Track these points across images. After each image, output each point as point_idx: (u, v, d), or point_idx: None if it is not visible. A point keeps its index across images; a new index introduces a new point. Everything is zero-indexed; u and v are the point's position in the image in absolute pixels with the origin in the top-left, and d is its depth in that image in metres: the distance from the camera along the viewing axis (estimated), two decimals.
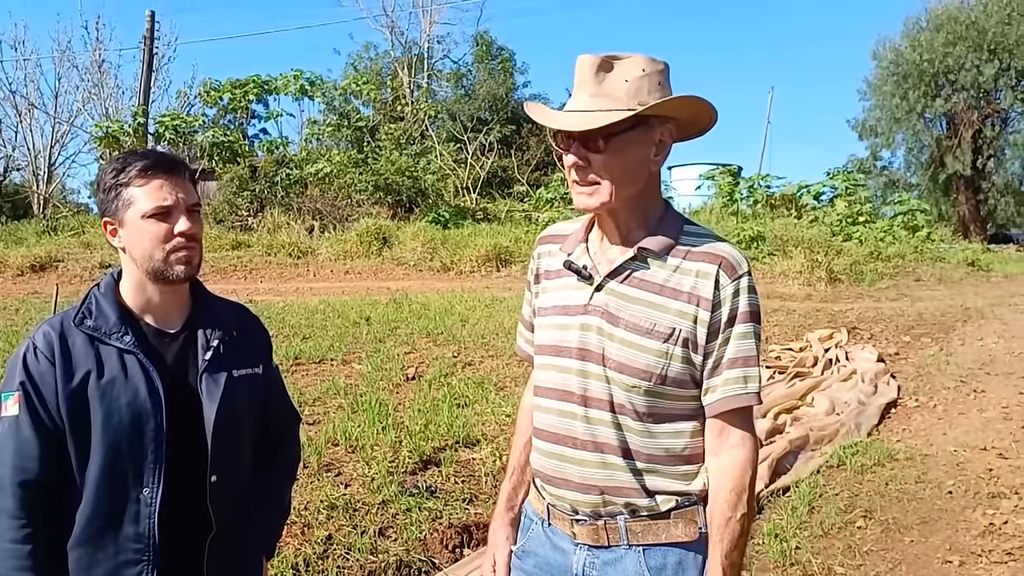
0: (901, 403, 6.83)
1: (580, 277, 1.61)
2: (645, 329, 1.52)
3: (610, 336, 1.54)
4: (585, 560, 1.61)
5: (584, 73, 1.53)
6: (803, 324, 10.09)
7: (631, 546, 1.57)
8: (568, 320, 1.60)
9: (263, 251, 17.65)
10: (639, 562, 1.57)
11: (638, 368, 1.52)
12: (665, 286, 1.54)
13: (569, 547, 1.63)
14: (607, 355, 1.54)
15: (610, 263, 1.59)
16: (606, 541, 1.59)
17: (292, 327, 9.69)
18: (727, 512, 1.50)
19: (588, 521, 1.60)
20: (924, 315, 10.79)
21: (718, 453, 1.55)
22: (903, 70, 28.34)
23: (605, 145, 1.51)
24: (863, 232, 17.46)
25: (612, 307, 1.55)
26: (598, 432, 1.56)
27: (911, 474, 5.12)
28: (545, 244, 1.75)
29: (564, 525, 1.63)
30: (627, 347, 1.53)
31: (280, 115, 25.76)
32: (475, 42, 34.43)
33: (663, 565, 1.57)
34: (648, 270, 1.56)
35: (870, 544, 4.19)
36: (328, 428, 5.45)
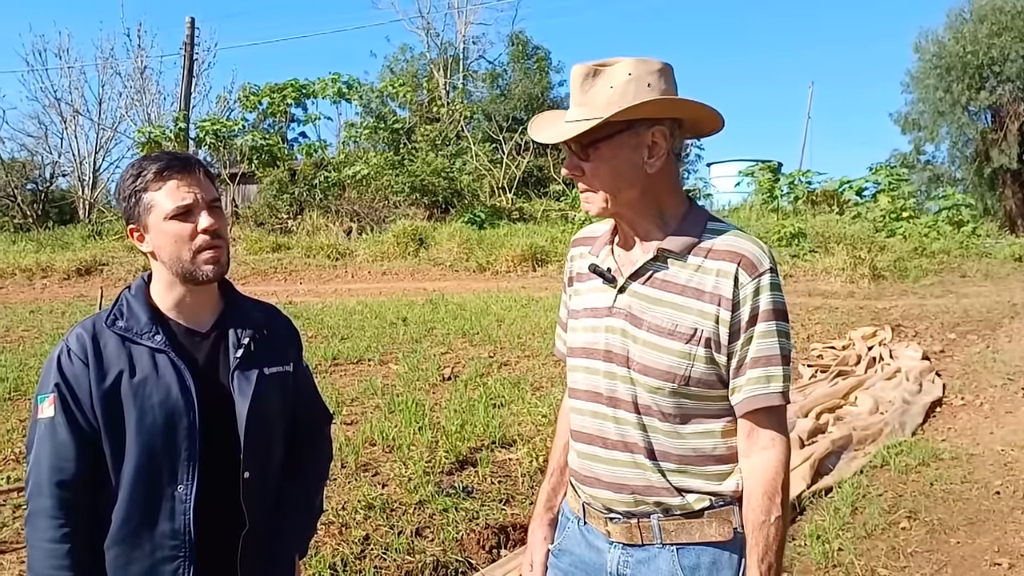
0: (946, 402, 6.69)
1: (604, 280, 1.61)
2: (667, 330, 1.51)
3: (634, 338, 1.54)
4: (619, 558, 1.61)
5: (574, 83, 1.53)
6: (846, 322, 9.94)
7: (664, 545, 1.57)
8: (596, 322, 1.61)
9: (302, 253, 17.86)
10: (673, 561, 1.56)
11: (661, 370, 1.50)
12: (687, 286, 1.52)
13: (604, 545, 1.64)
14: (631, 357, 1.54)
15: (632, 265, 1.58)
16: (640, 540, 1.59)
17: (330, 328, 9.78)
18: (760, 516, 1.49)
19: (622, 520, 1.60)
20: (970, 312, 10.56)
21: (749, 455, 1.53)
22: (946, 62, 27.69)
23: (592, 153, 1.53)
24: (907, 228, 17.12)
25: (635, 309, 1.55)
26: (626, 433, 1.56)
27: (957, 474, 5.01)
28: (577, 247, 1.77)
29: (599, 524, 1.64)
30: (650, 349, 1.52)
31: (318, 118, 26.08)
32: (510, 42, 34.47)
33: (697, 565, 1.55)
34: (669, 270, 1.54)
35: (915, 545, 4.10)
36: (365, 428, 5.49)
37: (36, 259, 16.97)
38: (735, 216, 19.93)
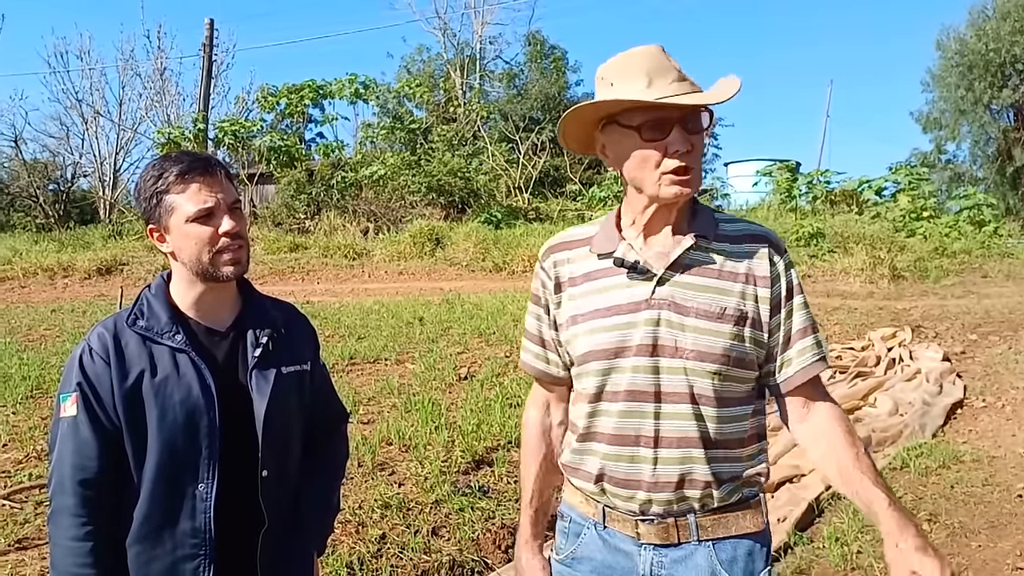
0: (967, 403, 6.62)
1: (635, 273, 1.56)
2: (716, 314, 1.52)
3: (681, 327, 1.52)
4: (652, 560, 1.58)
5: (662, 60, 1.51)
6: (865, 323, 9.86)
7: (701, 541, 1.56)
8: (628, 319, 1.54)
9: (319, 253, 17.95)
10: (710, 556, 1.56)
11: (717, 353, 1.51)
12: (723, 270, 1.55)
13: (632, 548, 1.60)
14: (681, 346, 1.51)
15: (665, 255, 1.56)
16: (676, 539, 1.57)
17: (347, 327, 9.82)
18: (851, 450, 1.51)
19: (656, 520, 1.57)
20: (992, 312, 10.45)
21: (806, 419, 1.57)
22: (968, 60, 27.44)
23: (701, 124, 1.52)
24: (927, 228, 16.96)
25: (679, 298, 1.53)
26: (675, 426, 1.53)
27: (978, 477, 4.95)
28: (559, 252, 1.69)
29: (625, 527, 1.60)
30: (702, 334, 1.51)
31: (335, 119, 26.19)
32: (527, 41, 34.49)
33: (734, 557, 1.57)
34: (704, 257, 1.56)
35: None
36: (382, 427, 5.51)
37: (58, 259, 17.16)
38: (753, 215, 19.81)
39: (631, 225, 1.62)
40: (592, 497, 1.65)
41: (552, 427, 1.79)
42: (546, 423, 1.79)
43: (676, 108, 1.47)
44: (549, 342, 1.71)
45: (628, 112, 1.51)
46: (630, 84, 1.48)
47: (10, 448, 5.29)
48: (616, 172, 1.62)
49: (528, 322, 1.77)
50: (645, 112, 1.48)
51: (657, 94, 1.46)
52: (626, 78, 1.50)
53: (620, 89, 1.49)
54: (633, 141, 1.51)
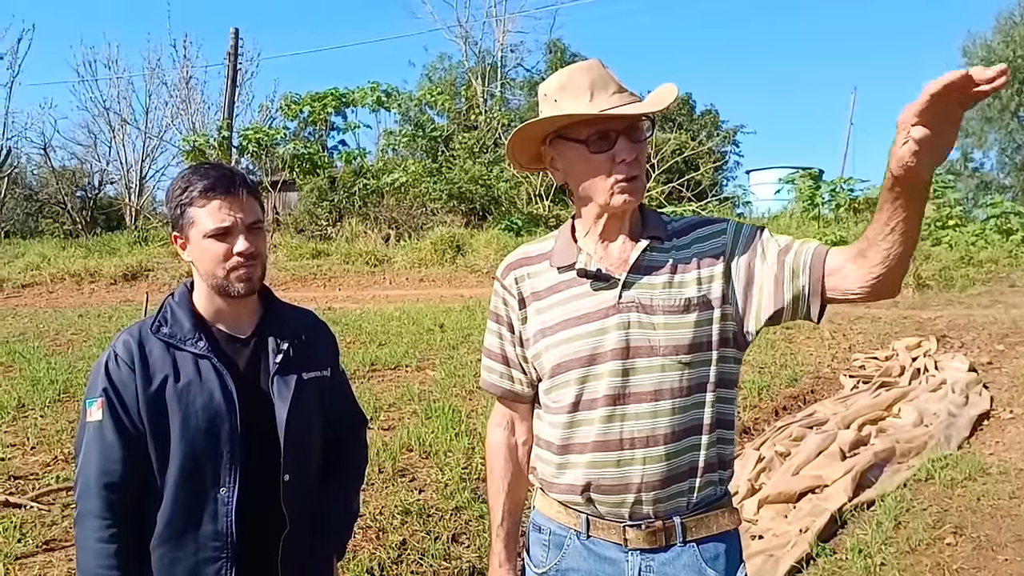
0: (994, 415, 6.51)
1: (598, 281, 1.61)
2: (682, 308, 1.57)
3: (652, 326, 1.57)
4: (640, 564, 1.61)
5: (602, 73, 1.58)
6: (889, 332, 9.75)
7: (687, 542, 1.61)
8: (598, 325, 1.58)
9: (341, 260, 18.06)
10: (696, 556, 1.61)
11: (689, 344, 1.56)
12: (679, 265, 1.61)
13: (618, 555, 1.62)
14: (655, 344, 1.56)
15: (624, 261, 1.62)
16: (663, 542, 1.60)
17: (368, 334, 9.87)
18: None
19: (643, 525, 1.60)
20: (1020, 322, 10.29)
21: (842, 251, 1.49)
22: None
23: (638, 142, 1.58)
24: (953, 236, 16.78)
25: (644, 299, 1.58)
26: (658, 423, 1.56)
27: (1005, 489, 4.87)
28: (519, 268, 1.73)
29: (611, 534, 1.62)
30: (673, 329, 1.56)
31: (357, 126, 26.33)
32: (548, 50, 34.54)
33: (717, 555, 1.63)
34: (660, 256, 1.62)
35: (960, 562, 3.99)
36: (402, 434, 5.53)
37: (84, 264, 17.40)
38: (774, 223, 19.70)
39: (586, 235, 1.68)
40: (574, 508, 1.65)
41: (518, 446, 1.80)
42: (512, 443, 1.80)
43: (620, 119, 1.54)
44: (513, 360, 1.73)
45: (574, 126, 1.57)
46: (574, 99, 1.56)
47: (38, 451, 5.37)
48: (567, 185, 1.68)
49: (488, 341, 1.78)
50: (590, 125, 1.55)
51: (600, 107, 1.53)
52: (569, 94, 1.57)
53: (565, 104, 1.56)
54: (581, 154, 1.58)
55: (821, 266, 1.49)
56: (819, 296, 1.51)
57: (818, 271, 1.49)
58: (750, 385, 7.02)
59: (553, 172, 1.68)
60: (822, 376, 7.79)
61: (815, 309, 1.52)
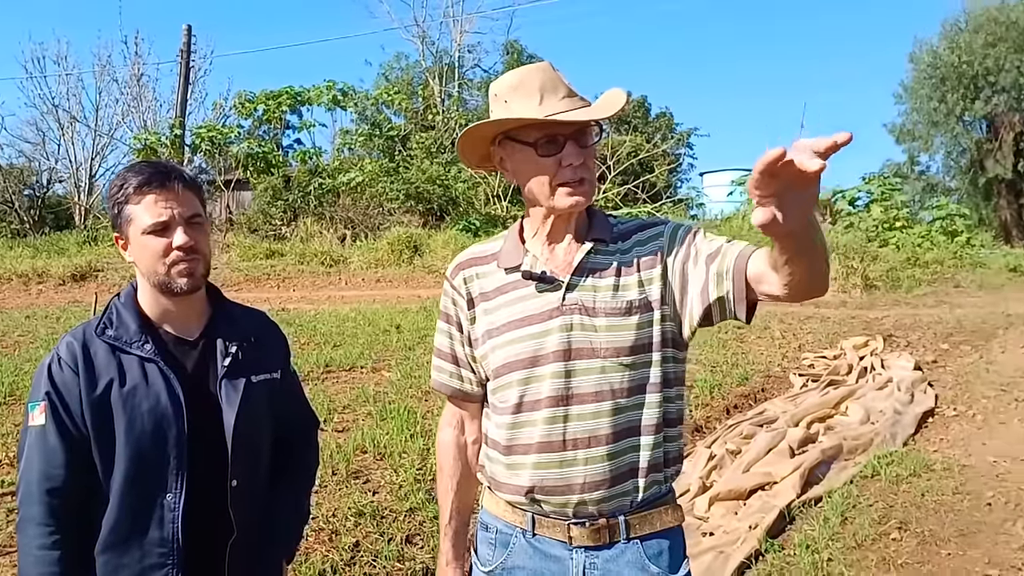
0: (939, 412, 6.69)
1: (543, 283, 1.63)
2: (624, 310, 1.60)
3: (594, 328, 1.59)
4: (584, 562, 1.63)
5: (552, 76, 1.60)
6: (837, 331, 9.96)
7: (630, 539, 1.63)
8: (541, 327, 1.60)
9: (296, 260, 17.86)
10: (639, 553, 1.63)
11: (629, 346, 1.59)
12: (622, 267, 1.63)
13: (563, 552, 1.64)
14: (597, 346, 1.58)
15: (569, 263, 1.64)
16: (607, 539, 1.62)
17: (323, 335, 9.78)
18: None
19: (588, 523, 1.62)
20: (963, 322, 10.60)
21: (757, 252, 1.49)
22: (941, 72, 27.91)
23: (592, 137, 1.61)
24: (900, 238, 17.20)
25: (587, 301, 1.60)
26: (601, 423, 1.58)
27: (949, 485, 5.01)
28: (468, 268, 1.75)
29: (556, 532, 1.64)
30: (615, 331, 1.58)
31: (313, 125, 26.08)
32: (505, 51, 34.57)
33: (660, 551, 1.65)
34: (604, 258, 1.65)
35: (905, 556, 4.10)
36: (357, 435, 5.49)
37: (32, 264, 16.95)
38: (727, 225, 19.97)
39: (534, 236, 1.70)
40: (520, 507, 1.67)
41: (467, 445, 1.82)
42: (461, 442, 1.82)
43: (569, 124, 1.55)
44: (463, 359, 1.75)
45: (523, 129, 1.59)
46: (524, 102, 1.57)
47: None
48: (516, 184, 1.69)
49: (439, 340, 1.79)
50: (539, 128, 1.57)
51: (549, 111, 1.55)
52: (519, 96, 1.58)
53: (514, 107, 1.58)
54: (529, 156, 1.59)
55: (743, 271, 1.50)
56: (743, 300, 1.52)
57: (740, 277, 1.50)
58: (702, 384, 7.12)
59: (503, 172, 1.70)
60: (772, 375, 7.93)
61: (741, 312, 1.53)
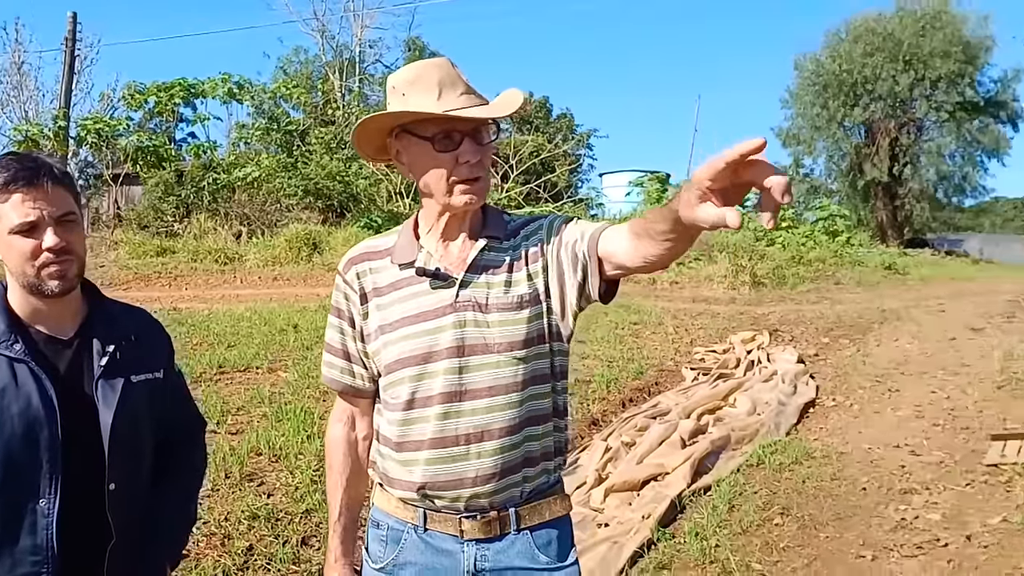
0: (819, 403, 7.04)
1: (436, 280, 1.63)
2: (515, 305, 1.62)
3: (487, 324, 1.60)
4: (476, 554, 1.65)
5: (451, 72, 1.59)
6: (727, 327, 10.34)
7: (520, 530, 1.66)
8: (435, 323, 1.61)
9: (188, 257, 17.24)
10: (529, 543, 1.66)
11: (522, 340, 1.61)
12: (513, 263, 1.65)
13: (454, 546, 1.65)
14: (490, 341, 1.60)
15: (463, 260, 1.65)
16: (498, 531, 1.65)
17: (217, 335, 9.47)
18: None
19: (479, 516, 1.64)
20: (843, 317, 11.17)
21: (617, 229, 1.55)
22: (823, 80, 29.34)
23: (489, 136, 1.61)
24: (786, 237, 18.00)
25: (480, 298, 1.62)
26: (492, 418, 1.60)
27: (827, 471, 5.28)
28: (361, 263, 1.73)
29: (448, 526, 1.65)
30: (508, 326, 1.60)
31: (207, 119, 25.25)
32: (408, 47, 34.31)
33: (549, 540, 1.69)
34: (497, 255, 1.66)
35: (787, 540, 4.30)
36: (251, 437, 5.36)
37: None
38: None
39: (428, 232, 1.70)
40: (411, 503, 1.67)
41: (358, 442, 1.81)
42: (352, 438, 1.81)
43: (466, 121, 1.55)
44: (354, 355, 1.73)
45: (420, 123, 1.57)
46: (422, 96, 1.56)
47: None
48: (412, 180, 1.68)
49: (330, 336, 1.77)
50: (436, 124, 1.56)
51: (447, 106, 1.54)
52: (417, 90, 1.57)
53: (412, 100, 1.56)
54: (425, 151, 1.58)
55: (595, 248, 1.54)
56: (598, 276, 1.56)
57: (594, 254, 1.55)
58: (599, 379, 7.28)
59: (399, 165, 1.69)
60: (666, 369, 8.17)
61: (594, 289, 1.57)
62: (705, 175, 1.12)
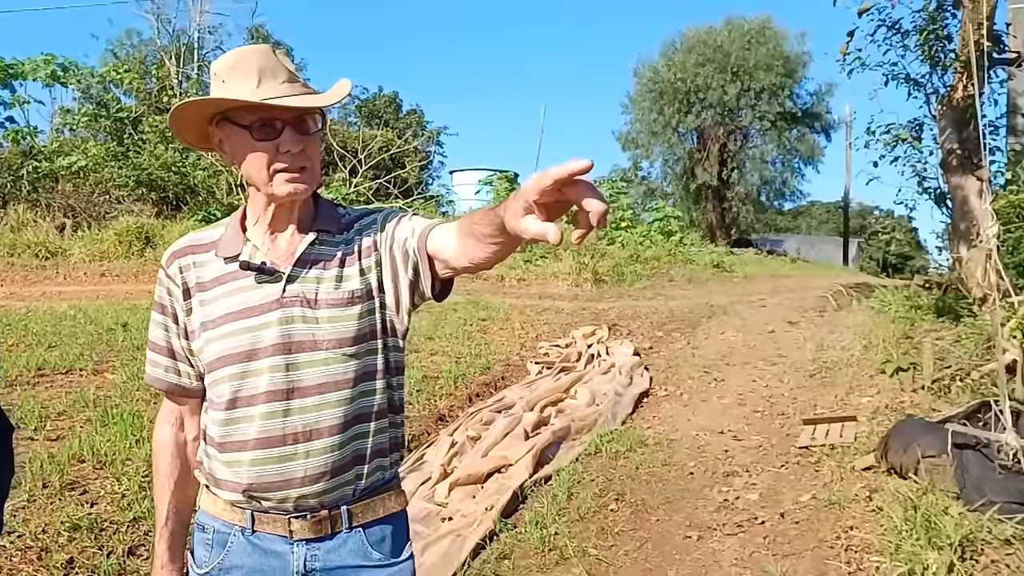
0: (652, 393, 7.40)
1: (262, 274, 1.60)
2: (346, 300, 1.60)
3: (316, 320, 1.58)
4: (306, 554, 1.62)
5: (272, 60, 1.57)
6: (570, 322, 10.65)
7: (353, 528, 1.64)
8: (260, 320, 1.57)
9: (5, 252, 15.82)
10: (362, 541, 1.64)
11: (353, 336, 1.59)
12: (345, 257, 1.63)
13: (283, 547, 1.62)
14: (319, 338, 1.57)
15: (291, 254, 1.62)
16: (329, 530, 1.62)
17: (36, 335, 8.77)
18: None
19: (309, 515, 1.61)
20: (675, 312, 11.75)
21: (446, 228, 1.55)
22: (660, 87, 30.75)
23: (315, 125, 1.59)
24: (625, 237, 18.76)
25: (309, 293, 1.59)
26: (321, 416, 1.57)
27: (659, 458, 5.57)
28: (185, 257, 1.67)
29: (276, 527, 1.62)
30: (337, 322, 1.58)
31: (27, 102, 23.20)
32: (250, 35, 32.99)
33: (383, 537, 1.67)
34: (328, 248, 1.64)
35: (621, 525, 4.52)
36: (73, 443, 5.01)
37: None
38: None
39: (256, 224, 1.66)
40: (238, 505, 1.63)
41: (187, 443, 1.76)
42: (180, 439, 1.76)
43: (287, 109, 1.53)
44: (179, 352, 1.69)
45: (240, 111, 1.54)
46: (241, 83, 1.53)
47: None
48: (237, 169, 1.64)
49: (153, 333, 1.73)
50: (255, 112, 1.53)
51: (267, 94, 1.51)
52: (237, 77, 1.54)
53: (231, 88, 1.53)
54: (245, 139, 1.56)
55: (424, 246, 1.55)
56: (430, 274, 1.58)
57: (423, 252, 1.56)
58: (447, 375, 7.33)
59: (222, 154, 1.64)
60: (512, 363, 8.33)
61: (427, 287, 1.59)
62: (532, 189, 1.15)
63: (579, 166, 1.10)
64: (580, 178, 1.13)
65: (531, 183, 1.15)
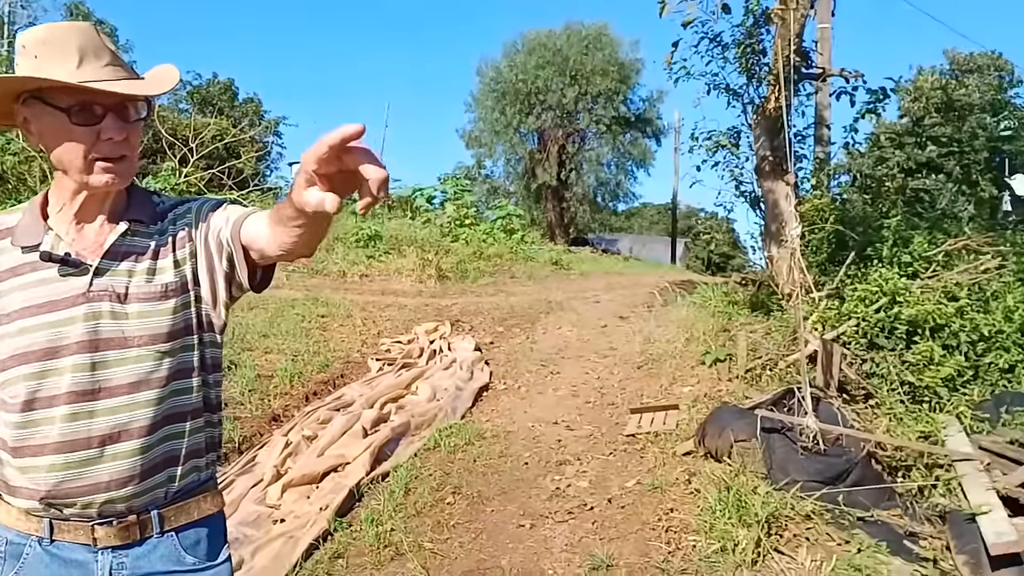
0: (492, 387, 7.52)
1: (66, 266, 1.50)
2: (159, 294, 1.53)
3: (126, 315, 1.51)
4: (111, 563, 1.54)
5: (95, 39, 1.47)
6: (413, 318, 10.63)
7: (164, 532, 1.57)
8: (64, 315, 1.48)
9: None
10: (175, 545, 1.58)
11: (166, 332, 1.53)
12: (159, 249, 1.57)
13: (87, 556, 1.53)
14: (129, 335, 1.50)
15: (100, 245, 1.54)
16: (138, 536, 1.55)
17: None
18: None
19: (115, 521, 1.53)
20: (515, 308, 11.98)
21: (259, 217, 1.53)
22: (502, 88, 31.19)
23: (137, 113, 1.50)
24: (468, 234, 18.92)
25: (119, 287, 1.51)
26: (131, 417, 1.50)
27: (496, 450, 5.69)
28: None
29: (78, 535, 1.52)
30: (149, 318, 1.51)
31: None
32: (69, 12, 30.57)
33: (198, 540, 1.62)
34: (141, 240, 1.57)
35: (457, 517, 4.58)
36: None
37: None
38: None
39: (60, 212, 1.56)
40: (35, 513, 1.52)
41: None
42: None
43: (109, 95, 1.44)
44: None
45: (55, 91, 1.43)
46: (58, 62, 1.42)
47: None
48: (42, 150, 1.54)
49: None
50: (75, 94, 1.43)
51: (88, 76, 1.43)
52: (54, 54, 1.43)
53: (46, 65, 1.42)
54: (61, 122, 1.45)
55: (238, 236, 1.53)
56: (245, 265, 1.55)
57: (237, 242, 1.53)
58: (282, 373, 7.15)
59: (26, 134, 1.51)
60: (352, 360, 8.22)
61: (244, 278, 1.56)
62: (310, 159, 1.15)
63: (351, 130, 1.11)
64: (358, 145, 1.14)
65: (308, 153, 1.14)
